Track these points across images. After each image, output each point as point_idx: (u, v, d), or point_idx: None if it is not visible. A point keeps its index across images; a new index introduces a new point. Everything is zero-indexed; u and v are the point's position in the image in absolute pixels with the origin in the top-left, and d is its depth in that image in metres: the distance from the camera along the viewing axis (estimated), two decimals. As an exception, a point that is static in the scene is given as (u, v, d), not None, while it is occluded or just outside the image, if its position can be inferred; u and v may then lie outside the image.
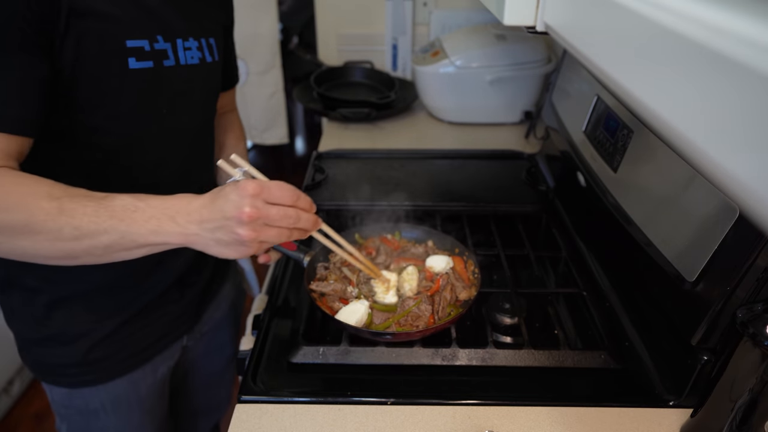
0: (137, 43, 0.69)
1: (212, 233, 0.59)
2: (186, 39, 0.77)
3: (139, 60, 0.69)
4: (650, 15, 0.30)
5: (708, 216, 0.66)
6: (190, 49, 0.78)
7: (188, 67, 0.78)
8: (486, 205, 1.17)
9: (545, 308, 0.96)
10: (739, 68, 0.22)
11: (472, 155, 1.42)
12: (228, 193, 0.59)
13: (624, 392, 0.78)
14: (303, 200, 0.64)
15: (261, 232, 0.59)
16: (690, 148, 0.26)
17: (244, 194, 0.58)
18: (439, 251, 0.98)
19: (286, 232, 0.63)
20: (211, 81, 0.87)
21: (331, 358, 0.81)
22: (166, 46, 0.73)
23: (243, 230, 0.58)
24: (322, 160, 1.37)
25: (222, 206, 0.58)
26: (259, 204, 0.58)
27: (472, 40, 1.57)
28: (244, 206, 0.57)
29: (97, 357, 0.84)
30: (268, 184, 0.61)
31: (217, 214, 0.59)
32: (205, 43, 0.82)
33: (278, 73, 2.31)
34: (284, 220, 0.61)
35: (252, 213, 0.57)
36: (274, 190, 0.60)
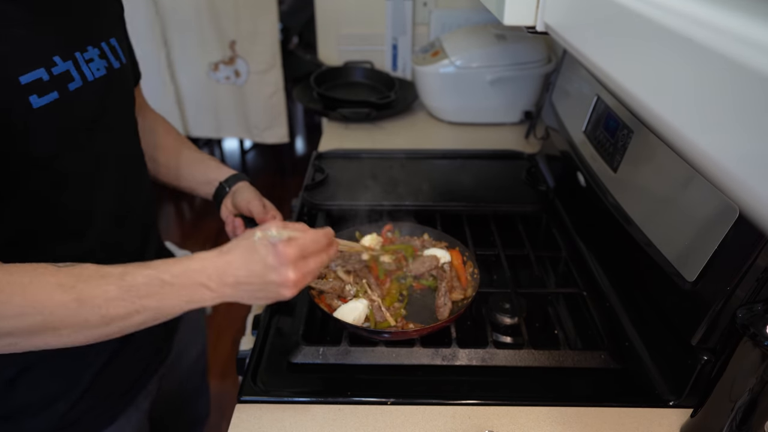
0: (33, 76, 0.58)
1: (251, 293, 0.60)
2: (84, 49, 0.67)
3: (41, 95, 0.59)
4: (650, 15, 0.30)
5: (708, 216, 0.66)
6: (92, 60, 0.68)
7: (96, 81, 0.68)
8: (486, 205, 1.17)
9: (545, 308, 0.96)
10: (738, 68, 0.22)
11: (472, 155, 1.42)
12: (265, 257, 0.58)
13: (624, 392, 0.78)
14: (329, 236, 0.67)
15: (302, 282, 0.61)
16: (690, 148, 0.26)
17: (285, 262, 0.58)
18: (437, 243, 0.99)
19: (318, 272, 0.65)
20: (124, 89, 0.77)
21: (331, 358, 0.81)
22: (67, 65, 0.63)
23: (288, 291, 0.60)
24: (322, 160, 1.37)
25: (261, 272, 0.58)
26: (301, 265, 0.60)
27: (472, 40, 1.57)
28: (288, 273, 0.58)
29: (79, 415, 0.77)
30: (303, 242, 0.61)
31: (257, 279, 0.59)
32: (107, 47, 0.72)
33: (278, 72, 2.31)
34: (321, 266, 0.64)
35: (297, 278, 0.59)
36: (309, 241, 0.62)
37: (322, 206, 1.16)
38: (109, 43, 0.72)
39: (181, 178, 0.96)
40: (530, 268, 1.03)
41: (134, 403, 0.86)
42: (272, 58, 2.27)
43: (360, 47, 1.86)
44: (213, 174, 0.94)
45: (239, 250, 0.60)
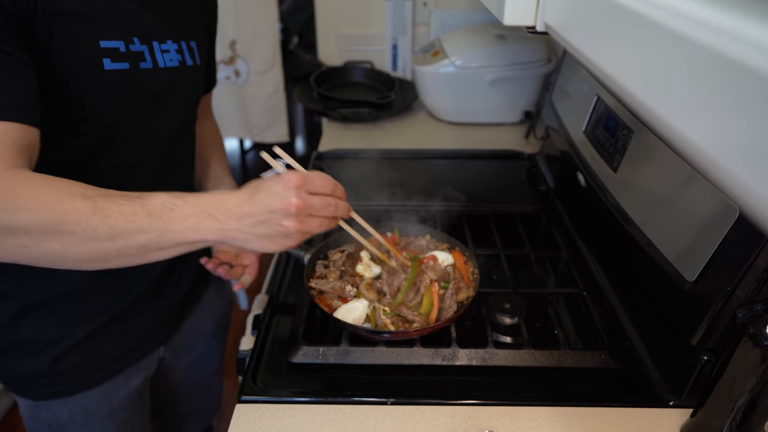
0: (112, 44, 0.67)
1: (254, 227, 0.59)
2: (163, 41, 0.75)
3: (114, 61, 0.68)
4: (650, 15, 0.30)
5: (708, 216, 0.66)
6: (168, 51, 0.76)
7: (167, 69, 0.76)
8: (486, 205, 1.17)
9: (545, 308, 0.96)
10: (738, 68, 0.22)
11: (472, 155, 1.42)
12: (271, 186, 0.58)
13: (624, 392, 0.78)
14: (339, 189, 0.66)
15: (306, 222, 0.60)
16: (690, 148, 0.26)
17: (289, 186, 0.58)
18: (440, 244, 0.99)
19: (326, 221, 0.63)
20: (191, 85, 0.85)
21: (331, 358, 0.81)
22: (143, 48, 0.71)
23: (290, 222, 0.58)
24: (322, 160, 1.37)
25: (266, 200, 0.58)
26: (304, 195, 0.59)
27: (472, 40, 1.57)
28: (291, 197, 0.57)
29: (65, 367, 0.81)
30: (310, 174, 0.61)
31: (261, 208, 0.58)
32: (186, 47, 0.80)
33: (279, 72, 2.31)
34: (326, 210, 0.62)
35: (299, 204, 0.58)
36: (316, 180, 0.61)
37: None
38: (189, 44, 0.80)
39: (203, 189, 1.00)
40: (530, 268, 1.03)
41: (125, 374, 0.88)
42: (272, 58, 2.27)
43: (360, 47, 1.86)
44: None
45: (250, 188, 0.60)
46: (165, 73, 0.76)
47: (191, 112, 0.88)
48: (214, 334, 1.12)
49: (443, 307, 0.85)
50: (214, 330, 1.12)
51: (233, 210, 0.58)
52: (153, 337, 0.92)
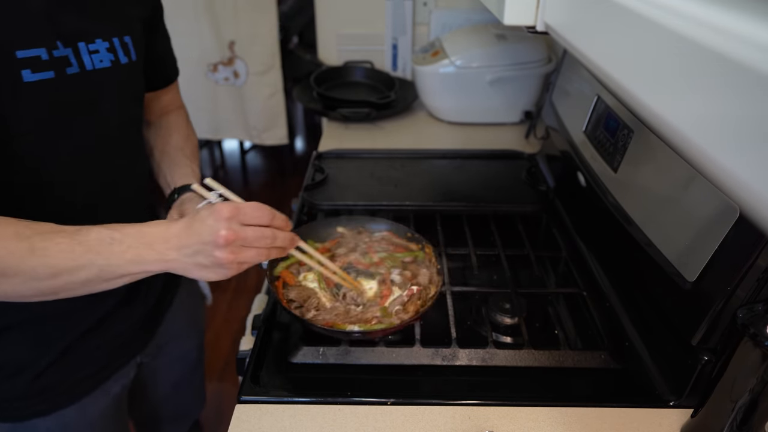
0: (31, 53, 0.62)
1: (192, 257, 0.59)
2: (91, 41, 0.69)
3: (35, 71, 0.62)
4: (650, 14, 0.30)
5: (708, 216, 0.66)
6: (97, 51, 0.70)
7: (96, 72, 0.70)
8: (486, 205, 1.17)
9: (545, 308, 0.96)
10: (738, 67, 0.22)
11: (472, 155, 1.42)
12: (204, 218, 0.59)
13: (624, 392, 0.78)
14: (278, 219, 0.64)
15: (239, 253, 0.59)
16: (690, 148, 0.26)
17: (219, 217, 0.58)
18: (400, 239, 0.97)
19: (264, 252, 0.63)
20: (129, 83, 0.79)
21: (331, 358, 0.81)
22: (67, 51, 0.66)
23: (221, 253, 0.58)
24: (322, 160, 1.37)
25: (199, 230, 0.59)
26: (235, 226, 0.59)
27: (472, 40, 1.57)
28: (220, 229, 0.57)
29: (42, 387, 0.79)
30: (242, 205, 0.61)
31: (195, 239, 0.59)
32: (119, 43, 0.74)
33: (278, 73, 2.31)
34: (261, 241, 0.61)
35: (228, 236, 0.58)
36: (249, 211, 0.60)
37: (322, 206, 1.15)
38: (121, 39, 0.75)
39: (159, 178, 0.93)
40: (530, 268, 1.03)
41: (102, 387, 0.86)
42: (271, 58, 2.27)
43: (360, 47, 1.86)
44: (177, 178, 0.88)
45: (188, 218, 0.61)
46: (95, 76, 0.70)
47: (132, 111, 0.83)
48: (189, 333, 1.11)
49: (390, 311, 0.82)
50: (189, 328, 1.11)
51: (172, 241, 0.59)
52: (129, 347, 0.91)
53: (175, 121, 0.98)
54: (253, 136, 2.51)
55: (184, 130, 0.98)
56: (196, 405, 1.25)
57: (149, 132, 0.97)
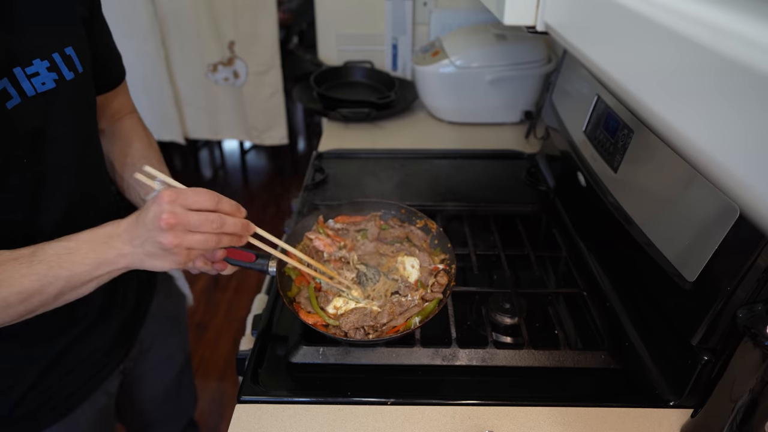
0: None
1: (142, 247, 0.60)
2: (28, 63, 0.63)
3: None
4: (650, 14, 0.30)
5: (708, 216, 0.66)
6: (37, 74, 0.64)
7: (40, 96, 0.65)
8: (486, 205, 1.17)
9: (545, 308, 0.96)
10: (739, 67, 0.22)
11: (472, 155, 1.42)
12: (149, 206, 0.60)
13: (624, 392, 0.78)
14: (225, 204, 0.63)
15: (184, 238, 0.59)
16: (690, 147, 0.26)
17: (161, 203, 0.58)
18: None
19: (213, 237, 0.62)
20: (79, 99, 0.73)
21: (331, 358, 0.81)
22: (3, 84, 0.60)
23: (164, 238, 0.58)
24: (322, 160, 1.37)
25: (144, 219, 0.59)
26: (177, 210, 0.58)
27: (472, 40, 1.57)
28: (162, 213, 0.58)
29: (25, 412, 0.77)
30: (183, 190, 0.61)
31: (141, 228, 0.60)
32: (60, 58, 0.67)
33: (278, 73, 2.31)
34: (206, 225, 0.60)
35: (169, 219, 0.58)
36: (189, 195, 0.60)
37: (322, 206, 1.15)
38: (63, 53, 0.68)
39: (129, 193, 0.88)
40: (530, 268, 1.03)
41: (90, 399, 0.86)
42: (271, 59, 2.27)
43: (360, 47, 1.86)
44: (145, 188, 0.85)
45: (138, 212, 0.62)
46: (40, 102, 0.65)
47: (88, 124, 0.78)
48: (173, 334, 1.10)
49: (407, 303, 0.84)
50: (171, 330, 1.09)
51: (123, 235, 0.61)
52: (111, 357, 0.89)
53: (131, 127, 0.90)
54: (253, 136, 2.51)
55: (144, 136, 0.90)
56: (188, 405, 1.24)
57: (104, 142, 0.87)
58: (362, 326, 0.79)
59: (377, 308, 0.82)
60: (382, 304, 0.83)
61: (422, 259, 0.91)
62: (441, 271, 0.88)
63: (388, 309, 0.82)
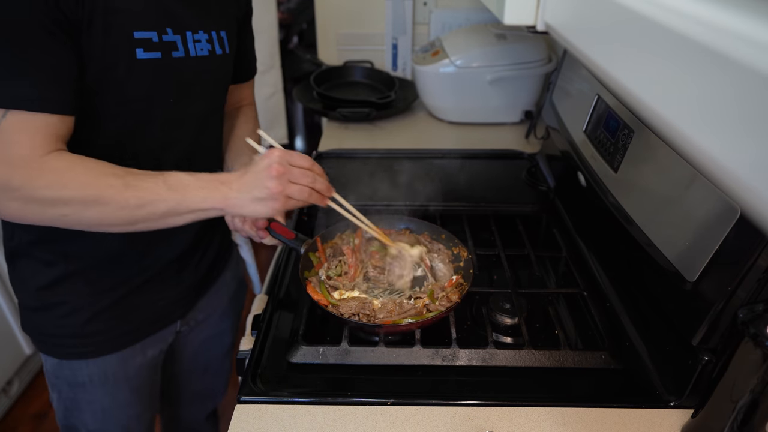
0: (145, 35, 0.73)
1: (249, 193, 0.72)
2: (195, 32, 0.81)
3: (147, 51, 0.74)
4: (650, 14, 0.30)
5: (709, 216, 0.66)
6: (199, 41, 0.81)
7: (197, 58, 0.81)
8: (486, 205, 1.17)
9: (545, 308, 0.95)
10: (739, 68, 0.22)
11: (472, 155, 1.42)
12: (258, 161, 0.73)
13: (625, 392, 0.77)
14: (317, 167, 0.78)
15: (287, 186, 0.72)
16: (691, 147, 0.26)
17: (272, 157, 0.72)
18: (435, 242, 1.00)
19: (307, 190, 0.74)
20: (220, 72, 0.90)
21: (331, 358, 0.81)
22: (176, 38, 0.77)
23: (272, 183, 0.70)
24: (322, 160, 1.37)
25: (255, 169, 0.72)
26: (285, 163, 0.72)
27: (472, 40, 1.57)
28: (273, 164, 0.71)
29: (92, 331, 0.88)
30: (289, 151, 0.75)
31: (251, 176, 0.72)
32: (216, 36, 0.85)
33: (278, 73, 2.30)
34: (304, 178, 0.74)
35: (279, 168, 0.71)
36: (295, 155, 0.75)
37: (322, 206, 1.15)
38: (219, 33, 0.85)
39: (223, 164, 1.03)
40: (530, 268, 1.03)
41: (142, 343, 0.95)
42: (271, 58, 2.26)
43: (360, 47, 1.86)
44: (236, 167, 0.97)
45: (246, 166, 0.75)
46: (196, 62, 0.81)
47: (220, 98, 0.94)
48: (228, 314, 1.15)
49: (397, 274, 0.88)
50: (228, 309, 1.14)
51: (233, 184, 0.73)
52: (172, 311, 0.98)
53: (245, 114, 1.08)
54: (253, 136, 2.51)
55: (252, 123, 1.08)
56: (219, 391, 1.28)
57: None
58: (359, 313, 0.83)
59: (378, 304, 0.85)
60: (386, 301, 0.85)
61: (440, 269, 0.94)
62: (454, 289, 0.89)
63: (389, 307, 0.83)
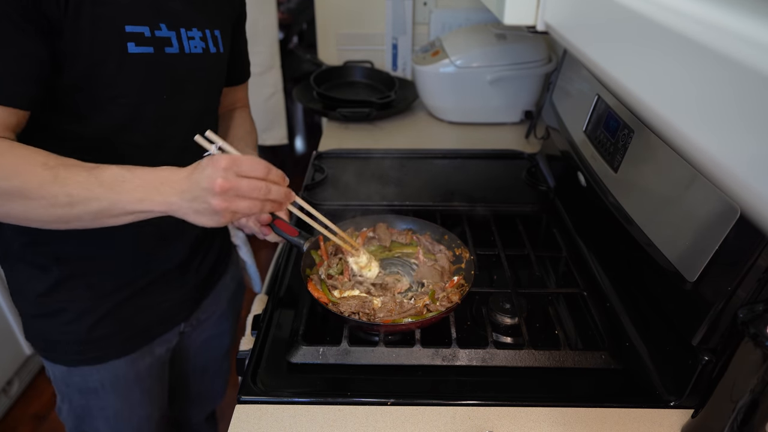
0: (137, 29, 0.71)
1: (190, 203, 0.64)
2: (189, 29, 0.79)
3: (138, 45, 0.71)
4: (650, 14, 0.30)
5: (709, 216, 0.66)
6: (193, 38, 0.80)
7: (191, 55, 0.80)
8: (486, 205, 1.17)
9: (545, 308, 0.95)
10: (739, 67, 0.22)
11: (472, 155, 1.41)
12: (204, 167, 0.63)
13: (625, 392, 0.77)
14: (274, 174, 0.69)
15: (232, 202, 0.63)
16: (691, 147, 0.26)
17: (217, 167, 0.62)
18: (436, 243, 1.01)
19: (258, 203, 0.66)
20: (214, 71, 0.89)
21: (331, 358, 0.81)
22: (170, 34, 0.76)
23: (215, 200, 0.62)
24: (322, 160, 1.36)
25: (198, 178, 0.63)
26: (231, 176, 0.63)
27: (473, 40, 1.57)
28: (216, 178, 0.62)
29: (98, 335, 0.86)
30: (239, 157, 0.65)
31: (194, 186, 0.63)
32: (210, 35, 0.84)
33: (277, 73, 2.30)
34: (254, 192, 0.65)
35: (223, 184, 0.62)
36: (244, 163, 0.64)
37: (322, 206, 1.15)
38: (213, 32, 0.84)
39: None
40: (530, 268, 1.03)
41: (149, 345, 0.94)
42: (271, 59, 2.26)
43: (360, 47, 1.86)
44: None
45: (192, 167, 0.65)
46: (190, 59, 0.80)
47: (214, 98, 0.92)
48: (227, 315, 1.15)
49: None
50: (227, 310, 1.15)
51: (175, 186, 0.64)
52: (177, 312, 0.97)
53: (240, 115, 1.06)
54: (253, 136, 2.51)
55: (248, 125, 1.07)
56: (218, 392, 1.29)
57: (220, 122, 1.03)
58: (359, 312, 0.83)
59: (378, 303, 0.85)
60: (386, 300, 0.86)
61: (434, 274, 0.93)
62: (455, 290, 0.89)
63: (389, 306, 0.84)
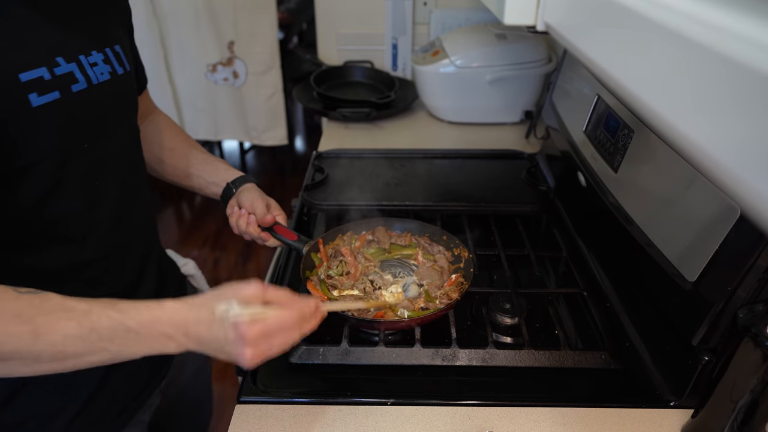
0: (33, 74, 0.58)
1: (213, 352, 0.58)
2: (89, 54, 0.66)
3: (41, 94, 0.59)
4: (650, 13, 0.30)
5: (709, 216, 0.66)
6: (96, 64, 0.67)
7: (100, 86, 0.67)
8: (486, 205, 1.17)
9: (545, 308, 0.95)
10: (738, 66, 0.22)
11: (472, 155, 1.41)
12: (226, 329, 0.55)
13: (625, 392, 0.77)
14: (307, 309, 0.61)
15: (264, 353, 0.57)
16: (691, 147, 0.26)
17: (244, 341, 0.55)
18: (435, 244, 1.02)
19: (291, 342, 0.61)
20: (128, 95, 0.76)
21: (331, 358, 0.81)
22: (71, 67, 0.63)
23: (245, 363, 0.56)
24: (322, 160, 1.36)
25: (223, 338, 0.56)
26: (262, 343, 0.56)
27: (473, 40, 1.57)
28: (245, 351, 0.55)
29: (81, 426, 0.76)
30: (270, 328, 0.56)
31: (216, 344, 0.56)
32: (111, 53, 0.71)
33: (277, 73, 2.30)
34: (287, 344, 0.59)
35: (255, 356, 0.56)
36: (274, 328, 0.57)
37: (322, 206, 1.15)
38: (113, 49, 0.71)
39: (191, 178, 0.97)
40: (530, 268, 1.03)
41: (135, 418, 0.86)
42: (271, 59, 2.26)
43: (360, 47, 1.86)
44: (221, 175, 0.96)
45: (206, 311, 0.57)
46: (101, 91, 0.67)
47: (135, 126, 0.81)
48: None
49: None
50: None
51: (191, 334, 0.56)
52: (153, 375, 0.89)
53: (164, 120, 0.99)
54: (253, 136, 2.51)
55: (178, 128, 1.01)
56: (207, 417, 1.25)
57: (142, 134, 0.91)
58: None
59: None
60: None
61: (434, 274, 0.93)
62: (455, 288, 0.90)
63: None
